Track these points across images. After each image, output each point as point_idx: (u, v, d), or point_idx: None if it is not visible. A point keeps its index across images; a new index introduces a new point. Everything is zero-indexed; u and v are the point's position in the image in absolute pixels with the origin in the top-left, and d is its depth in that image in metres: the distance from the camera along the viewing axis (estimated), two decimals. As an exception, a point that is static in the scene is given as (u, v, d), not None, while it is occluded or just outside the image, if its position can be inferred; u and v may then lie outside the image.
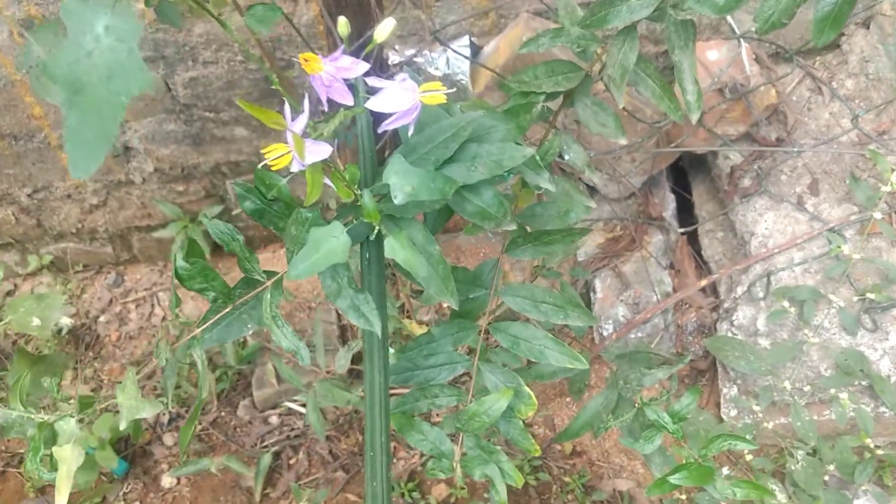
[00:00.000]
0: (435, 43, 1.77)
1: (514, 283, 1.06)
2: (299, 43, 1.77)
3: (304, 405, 1.89)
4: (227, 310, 0.78)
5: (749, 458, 1.61)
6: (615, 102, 1.05)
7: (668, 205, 1.92)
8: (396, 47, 1.73)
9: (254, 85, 1.88)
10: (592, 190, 1.97)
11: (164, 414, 2.05)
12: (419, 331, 1.48)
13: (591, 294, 1.89)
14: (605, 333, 1.83)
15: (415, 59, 1.74)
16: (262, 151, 0.73)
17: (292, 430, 1.96)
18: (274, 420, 1.99)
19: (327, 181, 0.76)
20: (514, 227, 0.94)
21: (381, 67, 1.61)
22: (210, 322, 0.78)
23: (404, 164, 0.73)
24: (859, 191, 1.58)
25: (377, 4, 1.46)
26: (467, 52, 1.74)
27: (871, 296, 1.57)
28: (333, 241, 0.69)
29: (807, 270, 1.66)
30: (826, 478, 1.58)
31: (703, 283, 1.77)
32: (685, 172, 2.07)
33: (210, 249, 2.21)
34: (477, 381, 1.07)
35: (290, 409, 1.96)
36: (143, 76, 0.59)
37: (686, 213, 2.05)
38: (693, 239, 1.97)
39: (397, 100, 0.72)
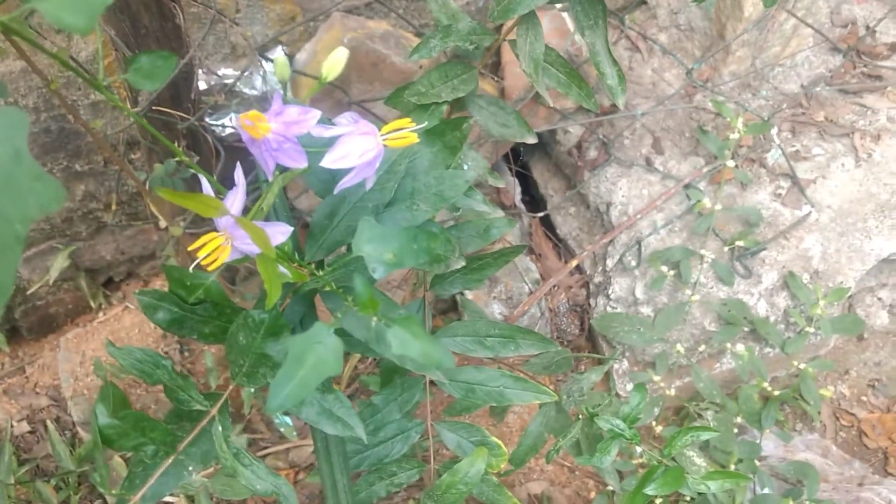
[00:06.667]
0: (243, 58, 1.57)
1: (453, 324, 0.92)
2: (81, 83, 1.50)
3: (178, 494, 1.64)
4: (171, 460, 0.58)
5: (659, 429, 1.58)
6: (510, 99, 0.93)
7: (514, 189, 1.85)
8: (203, 70, 1.51)
9: (43, 132, 1.56)
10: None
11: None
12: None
13: (459, 297, 1.78)
14: (484, 335, 1.73)
15: (225, 81, 1.53)
16: (190, 249, 0.55)
17: (162, 524, 1.70)
18: (136, 518, 1.71)
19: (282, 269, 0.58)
20: (463, 263, 0.80)
21: (193, 96, 1.39)
22: (147, 486, 0.58)
23: (377, 227, 0.57)
24: (710, 143, 1.58)
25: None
26: (283, 64, 1.56)
27: (739, 243, 1.58)
28: (320, 350, 0.51)
29: (671, 230, 1.64)
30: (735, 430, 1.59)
31: (574, 262, 1.71)
32: (518, 152, 2.00)
33: (6, 335, 1.88)
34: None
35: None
36: (46, 187, 0.39)
37: (526, 193, 1.99)
38: (544, 218, 1.91)
39: (358, 150, 0.55)
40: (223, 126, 1.55)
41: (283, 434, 1.85)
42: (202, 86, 1.52)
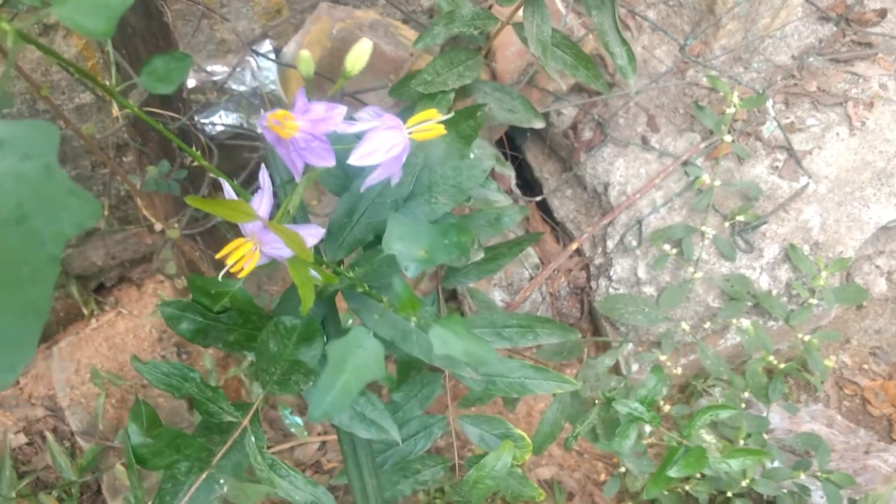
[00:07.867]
0: (230, 54, 1.54)
1: (471, 316, 0.91)
2: (65, 87, 1.46)
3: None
4: (204, 475, 0.56)
5: (667, 408, 1.57)
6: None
7: (510, 174, 1.83)
8: (193, 68, 1.48)
9: None
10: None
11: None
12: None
13: (461, 287, 1.76)
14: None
15: (213, 77, 1.49)
16: (218, 256, 0.52)
17: (169, 529, 1.68)
18: (143, 525, 1.69)
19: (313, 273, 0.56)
20: (482, 255, 0.78)
21: (184, 95, 1.36)
22: None
23: (407, 223, 0.55)
24: (706, 118, 1.57)
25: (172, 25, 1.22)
26: (272, 57, 1.53)
27: (740, 218, 1.57)
28: (361, 354, 0.50)
29: (671, 208, 1.63)
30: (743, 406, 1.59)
31: (574, 245, 1.70)
32: (510, 136, 1.98)
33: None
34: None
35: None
36: (80, 203, 0.36)
37: (519, 177, 1.98)
38: (540, 202, 1.89)
39: (385, 145, 0.53)
40: (212, 124, 1.52)
41: (286, 432, 1.83)
42: (191, 83, 1.49)
